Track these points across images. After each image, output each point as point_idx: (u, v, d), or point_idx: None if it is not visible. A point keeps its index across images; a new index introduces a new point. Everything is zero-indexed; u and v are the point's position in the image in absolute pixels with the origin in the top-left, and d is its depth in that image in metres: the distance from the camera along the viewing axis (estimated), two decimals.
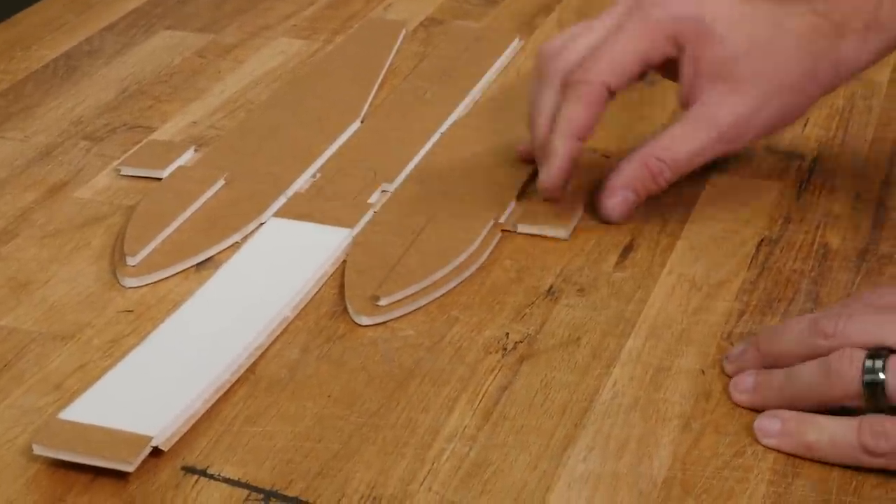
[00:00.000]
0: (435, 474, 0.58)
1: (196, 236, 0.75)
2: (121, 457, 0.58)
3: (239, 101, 0.93)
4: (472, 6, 1.09)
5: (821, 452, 0.59)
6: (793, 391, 0.61)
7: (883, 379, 0.57)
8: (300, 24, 1.06)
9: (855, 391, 0.58)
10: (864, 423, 0.58)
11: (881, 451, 0.57)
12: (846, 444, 0.58)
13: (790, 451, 0.59)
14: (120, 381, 0.63)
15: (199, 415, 0.61)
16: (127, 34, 1.04)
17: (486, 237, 0.74)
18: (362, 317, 0.68)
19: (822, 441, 0.59)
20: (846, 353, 0.59)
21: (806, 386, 0.60)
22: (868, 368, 0.58)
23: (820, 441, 0.59)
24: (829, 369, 0.59)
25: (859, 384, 0.58)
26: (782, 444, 0.60)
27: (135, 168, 0.83)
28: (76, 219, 0.78)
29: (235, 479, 0.58)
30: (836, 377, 0.59)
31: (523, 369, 0.65)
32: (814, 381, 0.60)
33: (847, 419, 0.59)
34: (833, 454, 0.59)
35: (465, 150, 0.84)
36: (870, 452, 0.57)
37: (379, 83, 0.94)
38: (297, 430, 0.61)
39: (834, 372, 0.59)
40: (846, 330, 0.60)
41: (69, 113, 0.91)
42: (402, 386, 0.64)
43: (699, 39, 0.73)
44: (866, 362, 0.58)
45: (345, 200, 0.78)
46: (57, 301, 0.71)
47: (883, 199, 0.79)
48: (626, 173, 0.76)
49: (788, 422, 0.60)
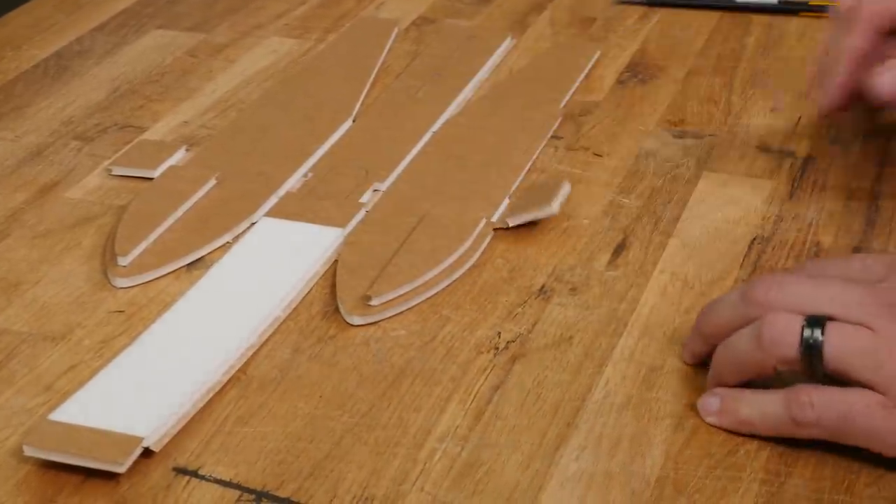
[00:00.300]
0: (427, 474, 0.58)
1: (187, 236, 0.75)
2: (112, 458, 0.57)
3: (230, 100, 0.93)
4: (464, 5, 1.09)
5: (754, 427, 0.59)
6: (730, 362, 0.61)
7: (821, 342, 0.57)
8: (292, 23, 1.06)
9: (792, 357, 0.58)
10: (791, 395, 0.58)
11: (808, 420, 0.57)
12: (776, 416, 0.59)
13: (729, 428, 0.60)
14: (111, 382, 0.63)
15: (191, 416, 0.61)
16: (118, 34, 1.04)
17: (477, 236, 0.74)
18: (354, 316, 0.68)
19: (753, 416, 0.59)
20: (782, 319, 0.58)
21: (742, 354, 0.60)
22: (806, 336, 0.58)
23: (752, 416, 0.59)
24: (764, 335, 0.58)
25: (797, 350, 0.58)
26: (722, 422, 0.60)
27: (126, 168, 0.83)
28: (67, 219, 0.78)
29: (227, 480, 0.58)
30: (771, 343, 0.58)
31: (515, 369, 0.65)
32: (749, 349, 0.59)
33: (775, 392, 0.59)
34: (765, 428, 0.59)
35: (457, 149, 0.84)
36: (798, 423, 0.58)
37: (371, 82, 0.94)
38: (288, 430, 0.61)
39: (769, 338, 0.58)
40: (778, 297, 0.59)
41: (60, 113, 0.91)
42: (393, 386, 0.64)
43: None
44: (804, 329, 0.58)
45: (336, 200, 0.78)
46: (48, 302, 0.70)
47: (875, 196, 0.79)
48: None
49: (725, 398, 0.60)
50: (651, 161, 0.83)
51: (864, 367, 0.57)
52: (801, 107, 0.90)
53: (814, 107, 0.89)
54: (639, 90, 0.93)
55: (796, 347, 0.58)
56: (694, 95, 0.92)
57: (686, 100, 0.92)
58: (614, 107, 0.90)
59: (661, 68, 0.96)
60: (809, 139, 0.86)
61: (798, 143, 0.85)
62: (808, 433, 0.58)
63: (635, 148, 0.85)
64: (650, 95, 0.92)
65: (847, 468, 0.58)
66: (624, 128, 0.87)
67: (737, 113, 0.89)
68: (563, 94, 0.91)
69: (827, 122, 0.81)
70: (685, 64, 0.97)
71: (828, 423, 0.57)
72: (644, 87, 0.93)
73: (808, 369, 0.58)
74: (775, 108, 0.89)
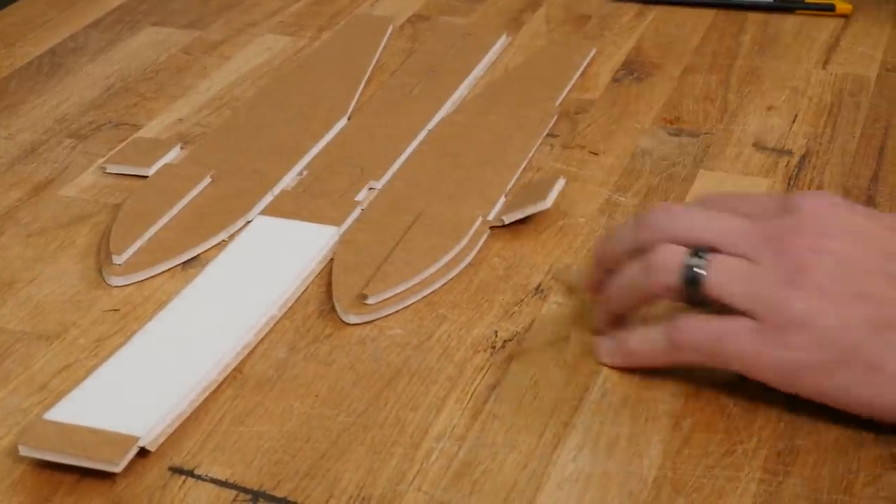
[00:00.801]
0: (424, 474, 0.58)
1: (182, 235, 0.75)
2: (107, 457, 0.57)
3: (225, 97, 0.92)
4: (458, 2, 1.08)
5: (641, 357, 0.63)
6: (621, 289, 0.64)
7: (703, 274, 0.60)
8: (286, 20, 1.06)
9: (675, 284, 0.61)
10: (671, 322, 0.61)
11: (684, 342, 0.61)
12: (657, 343, 0.62)
13: (622, 365, 0.64)
14: (106, 381, 0.63)
15: (187, 415, 0.61)
16: (112, 31, 1.04)
17: (473, 235, 0.74)
18: (350, 315, 0.68)
19: (639, 346, 0.63)
20: (668, 248, 0.61)
21: (631, 281, 0.63)
22: (689, 264, 0.60)
23: (638, 347, 0.63)
24: (650, 263, 0.61)
25: (680, 277, 0.60)
26: (615, 359, 0.64)
27: (120, 165, 0.82)
28: (61, 217, 0.78)
29: (223, 480, 0.58)
30: (657, 271, 0.61)
31: (512, 368, 0.65)
32: (637, 277, 0.62)
33: (659, 325, 0.62)
34: (650, 357, 0.62)
35: (453, 147, 0.84)
36: (675, 346, 0.61)
37: (366, 80, 0.94)
38: (284, 429, 0.61)
39: (655, 265, 0.61)
40: (668, 227, 0.62)
41: (54, 110, 0.91)
42: (390, 385, 0.63)
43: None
44: (687, 258, 0.60)
45: (332, 198, 0.78)
46: (42, 300, 0.70)
47: (872, 195, 0.79)
48: None
49: (617, 336, 0.64)
50: (647, 159, 0.83)
51: (740, 295, 0.59)
52: (797, 105, 0.90)
53: (810, 105, 0.90)
54: (634, 88, 0.93)
55: (679, 275, 0.60)
56: (690, 93, 0.92)
57: (682, 98, 0.91)
58: (610, 105, 0.90)
59: (657, 66, 0.96)
60: (806, 137, 0.86)
61: (794, 142, 0.85)
62: (685, 357, 0.61)
63: (631, 146, 0.85)
64: (646, 93, 0.92)
65: (846, 467, 0.58)
66: (620, 126, 0.87)
67: (733, 111, 0.89)
68: (558, 91, 0.91)
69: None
70: (681, 62, 0.97)
71: (702, 345, 0.60)
72: (640, 84, 0.93)
73: (690, 297, 0.61)
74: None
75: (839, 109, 0.89)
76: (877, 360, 0.58)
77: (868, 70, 0.95)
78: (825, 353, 0.58)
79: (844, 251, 0.59)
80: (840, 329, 0.58)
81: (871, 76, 0.94)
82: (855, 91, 0.92)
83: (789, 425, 0.60)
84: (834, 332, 0.58)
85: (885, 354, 0.58)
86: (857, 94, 0.92)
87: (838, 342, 0.58)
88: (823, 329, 0.58)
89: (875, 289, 0.59)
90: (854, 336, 0.58)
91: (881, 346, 0.58)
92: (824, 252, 0.59)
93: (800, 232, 0.60)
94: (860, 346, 0.58)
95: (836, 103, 0.90)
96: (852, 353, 0.58)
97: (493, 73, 0.96)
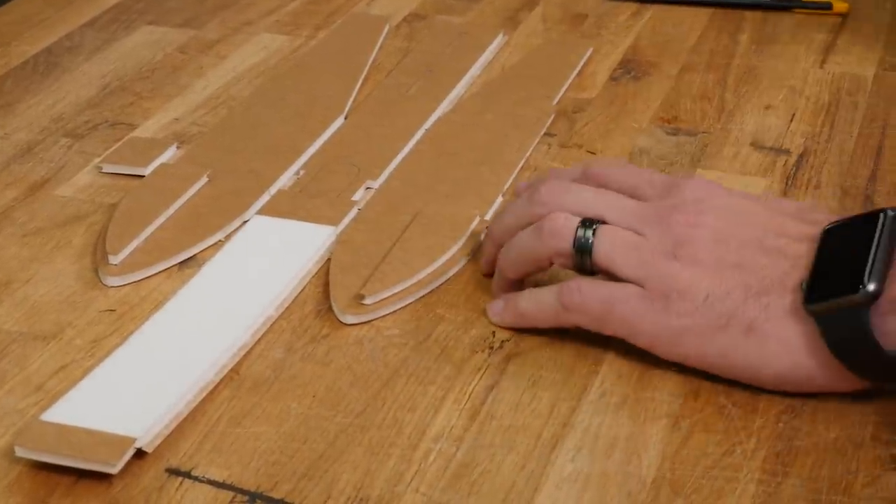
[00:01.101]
0: (422, 475, 0.58)
1: (179, 234, 0.74)
2: (104, 459, 0.57)
3: (221, 97, 0.92)
4: (455, 1, 1.08)
5: (531, 317, 0.66)
6: (513, 254, 0.67)
7: (591, 239, 0.64)
8: (283, 19, 1.06)
9: (566, 250, 0.65)
10: (563, 285, 0.65)
11: (574, 304, 0.64)
12: (549, 304, 0.65)
13: (511, 324, 0.67)
14: (103, 382, 0.62)
15: (184, 416, 0.61)
16: (108, 30, 1.03)
17: (471, 235, 0.74)
18: (348, 315, 0.68)
19: (530, 307, 0.66)
20: (560, 217, 0.65)
21: (524, 246, 0.66)
22: (579, 234, 0.64)
23: (529, 307, 0.66)
24: (544, 228, 0.65)
25: (570, 244, 0.64)
26: (504, 319, 0.67)
27: (116, 165, 0.82)
28: (57, 217, 0.77)
29: (220, 481, 0.58)
30: (550, 236, 0.65)
31: (510, 368, 0.64)
32: (530, 242, 0.66)
33: (552, 286, 0.65)
34: (541, 317, 0.65)
35: (450, 146, 0.84)
36: (566, 308, 0.64)
37: (363, 79, 0.93)
38: (282, 430, 0.60)
39: (548, 231, 0.65)
40: (561, 200, 0.66)
41: (50, 110, 0.91)
42: (387, 385, 0.63)
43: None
44: (579, 228, 0.64)
45: (329, 198, 0.78)
46: (38, 300, 0.70)
47: (870, 194, 0.79)
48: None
49: (507, 298, 0.67)
50: (644, 158, 0.83)
51: (626, 264, 0.63)
52: (794, 104, 0.90)
53: (808, 105, 0.89)
54: (632, 87, 0.93)
55: (570, 241, 0.64)
56: (687, 92, 0.92)
57: (679, 97, 0.91)
58: (607, 104, 0.90)
59: (654, 65, 0.96)
60: (803, 136, 0.85)
61: (792, 141, 0.85)
62: (574, 319, 0.64)
63: (629, 145, 0.84)
64: (643, 92, 0.92)
65: (845, 468, 0.58)
66: (617, 125, 0.87)
67: (730, 110, 0.89)
68: (555, 91, 0.91)
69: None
70: (678, 60, 0.97)
71: (591, 308, 0.64)
72: (637, 83, 0.93)
73: (580, 264, 0.65)
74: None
75: (837, 109, 0.89)
76: (753, 323, 0.61)
77: (865, 69, 0.95)
78: (705, 318, 0.61)
79: (719, 226, 0.63)
80: (718, 296, 0.61)
81: (869, 75, 0.94)
82: (852, 90, 0.92)
83: (788, 426, 0.60)
84: (712, 298, 0.61)
85: (759, 317, 0.61)
86: (855, 93, 0.91)
87: (716, 307, 0.61)
88: (703, 296, 0.62)
89: (750, 259, 0.62)
90: (731, 301, 0.61)
91: (757, 310, 0.61)
92: (700, 226, 0.63)
93: (680, 210, 0.64)
94: (736, 310, 0.61)
95: (833, 102, 0.90)
96: (730, 317, 0.61)
97: (489, 73, 0.95)
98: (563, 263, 0.66)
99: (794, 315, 0.61)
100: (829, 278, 0.60)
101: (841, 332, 0.59)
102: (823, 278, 0.60)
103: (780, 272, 0.62)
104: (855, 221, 0.63)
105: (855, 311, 0.59)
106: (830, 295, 0.59)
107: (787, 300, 0.61)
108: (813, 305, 0.60)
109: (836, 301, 0.59)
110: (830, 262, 0.61)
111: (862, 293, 0.58)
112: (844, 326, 0.59)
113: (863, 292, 0.58)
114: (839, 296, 0.59)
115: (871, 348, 0.58)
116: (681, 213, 0.64)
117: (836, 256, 0.61)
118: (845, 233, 0.62)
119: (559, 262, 0.66)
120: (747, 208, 0.65)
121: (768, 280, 0.62)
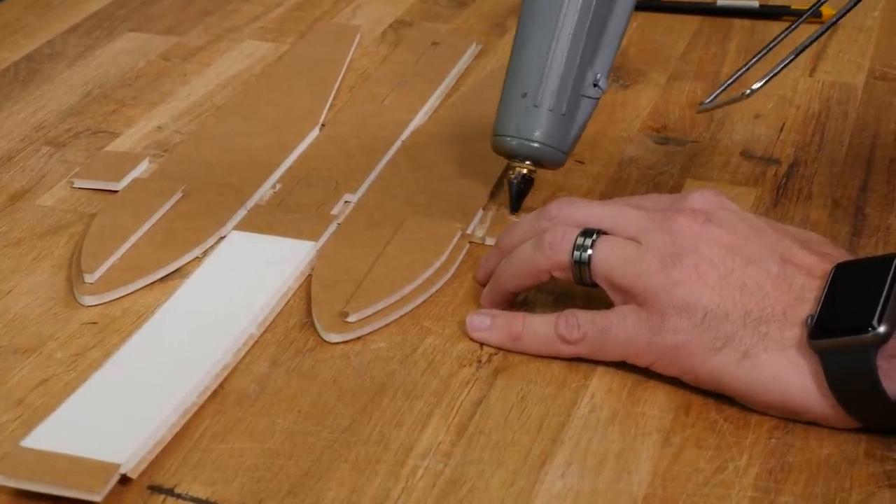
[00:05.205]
0: (409, 493, 0.57)
1: (155, 252, 0.73)
2: (88, 486, 0.56)
3: (205, 104, 0.91)
4: (441, 8, 1.08)
5: (525, 342, 0.65)
6: (512, 266, 0.66)
7: (590, 252, 0.63)
8: (267, 25, 1.05)
9: (565, 262, 0.64)
10: (560, 316, 0.64)
11: (573, 339, 0.64)
12: (545, 335, 0.64)
13: (497, 344, 0.66)
14: (84, 406, 0.61)
15: (168, 440, 0.59)
16: (90, 36, 1.02)
17: (454, 249, 0.73)
18: (331, 334, 0.66)
19: (526, 332, 0.65)
20: (560, 228, 0.65)
21: (524, 258, 0.66)
22: (578, 244, 0.64)
23: (523, 332, 0.65)
24: (544, 241, 0.65)
25: (569, 256, 0.64)
26: (491, 337, 0.66)
27: (88, 181, 0.80)
28: (38, 227, 0.76)
29: (204, 499, 0.56)
30: (549, 248, 0.65)
31: (498, 382, 0.64)
32: (530, 253, 0.66)
33: (547, 315, 0.65)
34: (536, 345, 0.65)
35: (427, 158, 0.83)
36: (564, 341, 0.64)
37: (336, 89, 0.92)
38: (266, 446, 0.59)
39: (548, 243, 0.65)
40: (567, 213, 0.66)
41: (31, 118, 0.89)
42: (374, 400, 0.62)
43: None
44: (577, 238, 0.64)
45: (307, 212, 0.76)
46: (18, 313, 0.69)
47: (861, 205, 0.78)
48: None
49: (497, 317, 0.66)
50: (633, 168, 0.82)
51: (624, 274, 0.63)
52: (784, 113, 0.89)
53: (798, 114, 0.89)
54: (620, 95, 0.92)
55: (569, 252, 0.64)
56: (676, 101, 0.91)
57: (668, 105, 0.91)
58: (595, 112, 0.89)
59: (643, 73, 0.95)
60: (794, 146, 0.85)
61: (782, 151, 0.84)
62: (573, 350, 0.64)
63: (618, 154, 0.84)
64: (632, 101, 0.91)
65: (838, 486, 0.57)
66: (606, 134, 0.86)
67: (720, 119, 0.88)
68: None
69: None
70: (666, 69, 0.96)
71: (590, 338, 0.63)
72: (625, 92, 0.92)
73: (578, 276, 0.64)
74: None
75: (827, 118, 0.89)
76: (749, 351, 0.60)
77: (855, 78, 0.94)
78: (701, 339, 0.61)
79: (726, 238, 0.62)
80: (716, 317, 0.61)
81: (859, 84, 0.93)
82: (843, 99, 0.91)
83: (780, 442, 0.60)
84: (710, 318, 0.61)
85: (756, 346, 0.60)
86: (845, 102, 0.91)
87: (713, 329, 0.61)
88: (701, 315, 0.61)
89: (754, 283, 0.61)
90: (729, 325, 0.60)
91: (755, 338, 0.60)
92: (706, 236, 0.62)
93: (686, 217, 0.63)
94: (734, 335, 0.60)
95: (823, 112, 0.89)
96: (726, 340, 0.60)
97: (464, 83, 0.94)
98: (562, 276, 0.65)
99: (792, 349, 0.60)
100: (837, 316, 0.59)
101: (845, 370, 0.58)
102: (832, 316, 0.59)
103: (783, 304, 0.61)
104: (868, 262, 0.62)
105: (862, 351, 0.58)
106: (838, 333, 0.58)
107: (787, 333, 0.60)
108: (819, 341, 0.59)
109: (844, 339, 0.58)
110: (840, 300, 0.60)
111: (872, 334, 0.57)
112: (849, 365, 0.58)
113: (873, 333, 0.57)
114: (848, 334, 0.58)
115: (873, 390, 0.58)
116: (686, 219, 0.63)
117: (847, 295, 0.60)
118: (857, 272, 0.61)
119: (559, 275, 0.65)
120: (755, 224, 0.64)
121: (770, 309, 0.61)
